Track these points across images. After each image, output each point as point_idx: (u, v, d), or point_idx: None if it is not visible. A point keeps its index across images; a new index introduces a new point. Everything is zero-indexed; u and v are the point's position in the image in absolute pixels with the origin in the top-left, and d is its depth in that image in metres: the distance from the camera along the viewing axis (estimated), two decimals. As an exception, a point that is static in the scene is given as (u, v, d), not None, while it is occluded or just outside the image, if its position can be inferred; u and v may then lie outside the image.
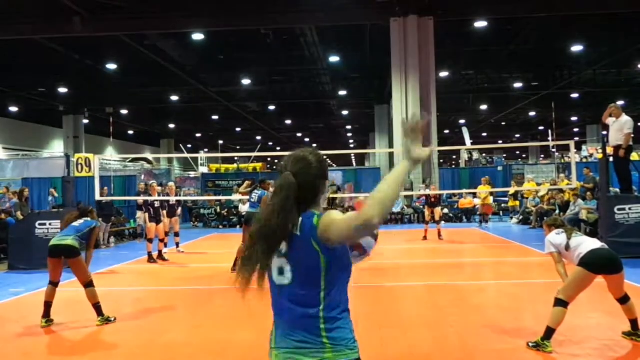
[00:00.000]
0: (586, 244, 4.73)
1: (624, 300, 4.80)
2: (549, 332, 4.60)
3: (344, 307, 2.03)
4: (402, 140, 1.89)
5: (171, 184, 13.07)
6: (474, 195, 18.59)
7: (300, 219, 1.93)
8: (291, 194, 1.93)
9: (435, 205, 13.76)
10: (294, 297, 1.96)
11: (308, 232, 1.90)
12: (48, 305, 5.89)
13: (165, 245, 11.49)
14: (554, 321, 4.59)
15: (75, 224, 6.08)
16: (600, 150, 14.00)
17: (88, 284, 5.87)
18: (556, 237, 4.90)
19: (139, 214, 15.98)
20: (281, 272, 2.00)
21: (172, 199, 12.24)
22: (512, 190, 18.92)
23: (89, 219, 6.20)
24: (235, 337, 5.41)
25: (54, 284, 5.96)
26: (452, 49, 20.66)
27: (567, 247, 4.78)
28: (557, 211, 14.92)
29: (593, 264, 4.58)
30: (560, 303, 4.62)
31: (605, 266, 4.65)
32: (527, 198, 17.92)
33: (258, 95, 29.00)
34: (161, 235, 11.32)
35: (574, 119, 38.36)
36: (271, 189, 8.62)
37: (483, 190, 16.80)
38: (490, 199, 17.91)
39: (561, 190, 15.57)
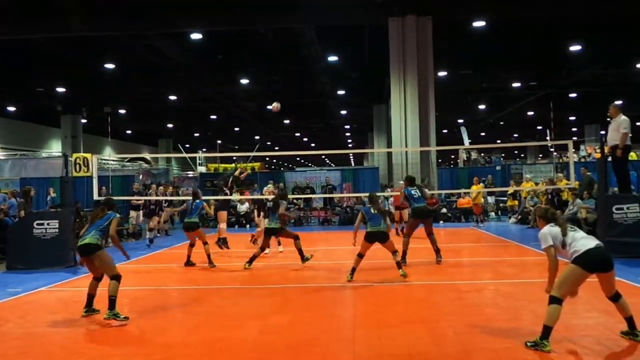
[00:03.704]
0: (582, 241, 4.72)
1: (615, 298, 4.81)
2: (546, 331, 4.60)
3: None
4: None
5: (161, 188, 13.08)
6: (467, 194, 18.66)
7: None
8: None
9: (402, 208, 14.11)
10: None
11: None
12: (90, 296, 6.23)
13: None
14: (550, 319, 4.61)
15: (98, 219, 6.36)
16: (598, 150, 14.01)
17: (113, 277, 6.03)
18: (553, 230, 4.86)
19: (132, 213, 16.02)
20: None
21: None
22: (510, 189, 18.95)
23: (111, 211, 6.48)
24: (234, 336, 5.41)
25: (96, 278, 6.28)
26: (450, 49, 20.67)
27: (564, 244, 4.78)
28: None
29: (589, 262, 4.60)
30: (555, 300, 4.63)
31: (600, 265, 4.67)
32: (525, 197, 17.96)
33: (256, 94, 28.98)
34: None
35: (572, 118, 38.43)
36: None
37: (475, 190, 16.84)
38: (481, 199, 17.95)
39: (559, 190, 15.59)
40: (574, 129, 41.28)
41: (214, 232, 13.36)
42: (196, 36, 18.97)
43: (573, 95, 29.40)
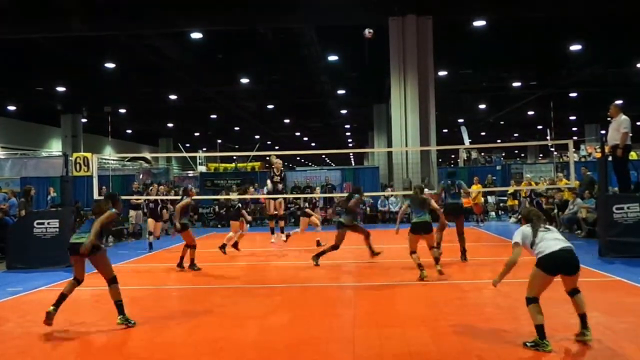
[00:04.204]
0: (548, 242, 4.75)
1: (573, 292, 4.81)
2: (540, 330, 4.65)
3: None
4: None
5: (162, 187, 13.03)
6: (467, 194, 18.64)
7: None
8: None
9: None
10: None
11: None
12: (62, 296, 5.73)
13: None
14: (536, 318, 4.68)
15: (97, 215, 5.86)
16: (598, 150, 14.02)
17: (111, 280, 5.75)
18: (526, 230, 4.94)
19: (132, 213, 16.03)
20: None
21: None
22: (510, 189, 18.94)
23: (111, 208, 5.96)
24: (234, 336, 5.42)
25: (77, 280, 5.84)
26: (450, 49, 20.66)
27: (532, 244, 4.84)
28: (556, 210, 14.95)
29: (549, 265, 4.68)
30: (531, 300, 4.73)
31: (562, 268, 4.72)
32: (525, 197, 17.94)
33: (257, 94, 28.99)
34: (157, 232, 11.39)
35: (572, 118, 38.41)
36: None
37: (475, 190, 16.85)
38: (481, 199, 17.94)
39: (559, 190, 15.59)
40: (574, 129, 41.26)
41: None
42: (196, 36, 18.97)
43: (573, 95, 29.39)
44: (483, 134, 45.86)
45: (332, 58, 22.32)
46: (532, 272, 4.79)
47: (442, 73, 23.05)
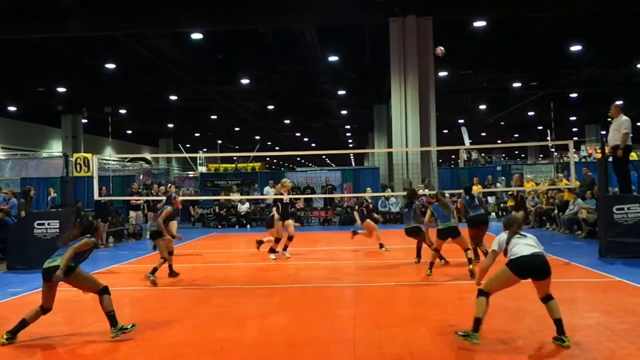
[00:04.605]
0: (520, 247, 4.80)
1: (546, 299, 4.82)
2: (476, 323, 4.74)
3: None
4: None
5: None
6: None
7: None
8: None
9: None
10: None
11: None
12: (23, 323, 5.29)
13: None
14: (478, 311, 4.76)
15: (72, 242, 5.45)
16: (599, 150, 14.01)
17: (100, 292, 5.33)
18: (502, 237, 5.03)
19: (132, 213, 16.03)
20: None
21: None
22: (510, 190, 18.91)
23: (90, 235, 5.53)
24: (234, 336, 5.42)
25: (44, 309, 5.38)
26: (451, 49, 20.65)
27: (506, 251, 4.92)
28: (556, 211, 14.95)
29: (518, 268, 4.73)
30: (482, 294, 4.81)
31: (531, 272, 4.76)
32: (526, 198, 17.92)
33: (257, 94, 29.00)
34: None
35: (573, 118, 38.41)
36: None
37: (475, 190, 16.77)
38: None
39: (560, 190, 15.59)
40: (574, 129, 41.26)
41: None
42: (196, 36, 18.99)
43: (573, 95, 29.39)
44: (483, 134, 45.86)
45: (332, 58, 22.33)
46: (500, 270, 4.88)
47: (442, 73, 23.06)
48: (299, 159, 64.77)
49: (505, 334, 5.14)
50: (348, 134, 48.79)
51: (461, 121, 36.13)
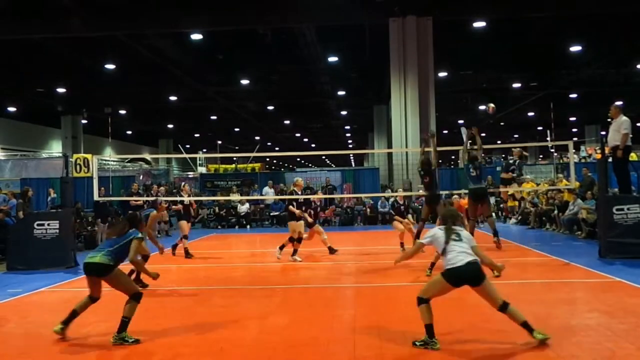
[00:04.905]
0: (456, 256, 4.79)
1: (503, 308, 4.82)
2: (429, 329, 4.76)
3: None
4: None
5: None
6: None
7: None
8: None
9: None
10: None
11: None
12: (73, 314, 5.45)
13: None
14: (426, 317, 4.79)
15: (115, 236, 5.57)
16: (598, 151, 14.01)
17: (132, 296, 5.37)
18: (438, 233, 5.01)
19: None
20: None
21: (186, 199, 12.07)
22: (510, 190, 18.90)
23: (134, 229, 5.63)
24: (234, 336, 5.42)
25: (92, 298, 5.52)
26: (450, 49, 20.69)
27: (444, 252, 4.90)
28: (556, 211, 14.94)
29: (453, 278, 4.77)
30: (422, 301, 4.83)
31: (466, 281, 4.79)
32: (525, 198, 17.94)
33: (256, 95, 29.00)
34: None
35: (573, 119, 38.41)
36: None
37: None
38: None
39: (559, 190, 15.59)
40: (574, 130, 41.26)
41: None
42: (196, 36, 19.00)
43: (573, 95, 29.40)
44: (483, 134, 45.71)
45: (332, 58, 22.34)
46: (436, 278, 4.95)
47: (442, 74, 23.07)
48: (298, 159, 64.73)
49: (506, 334, 5.14)
50: (348, 135, 48.79)
51: (461, 121, 36.11)
